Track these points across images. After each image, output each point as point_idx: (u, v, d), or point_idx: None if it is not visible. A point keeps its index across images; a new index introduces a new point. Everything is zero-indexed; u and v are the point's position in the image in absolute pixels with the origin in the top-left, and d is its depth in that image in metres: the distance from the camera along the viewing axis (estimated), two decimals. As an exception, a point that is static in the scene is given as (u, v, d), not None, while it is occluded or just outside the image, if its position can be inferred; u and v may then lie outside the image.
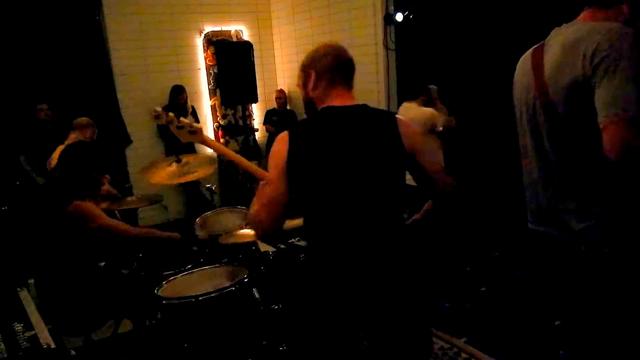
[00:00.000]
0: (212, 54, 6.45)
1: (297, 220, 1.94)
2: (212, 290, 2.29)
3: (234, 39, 6.66)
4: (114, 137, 5.84)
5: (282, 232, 2.70)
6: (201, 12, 6.40)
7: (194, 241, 2.84)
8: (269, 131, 6.46)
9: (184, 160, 2.74)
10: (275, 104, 6.63)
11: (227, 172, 6.26)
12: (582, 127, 1.46)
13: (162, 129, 5.69)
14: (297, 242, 2.91)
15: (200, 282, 2.48)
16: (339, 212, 1.58)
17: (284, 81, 6.98)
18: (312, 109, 1.72)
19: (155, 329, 2.73)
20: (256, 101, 6.77)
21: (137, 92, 6.04)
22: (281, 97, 6.56)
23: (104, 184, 3.43)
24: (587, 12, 1.59)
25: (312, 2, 6.10)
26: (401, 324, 1.61)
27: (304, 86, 1.72)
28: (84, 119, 4.44)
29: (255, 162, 6.36)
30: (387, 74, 5.34)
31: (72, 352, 2.05)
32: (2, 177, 4.87)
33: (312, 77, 1.68)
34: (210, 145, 2.28)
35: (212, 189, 3.38)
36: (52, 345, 1.76)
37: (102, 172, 2.93)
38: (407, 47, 5.17)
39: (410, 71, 3.82)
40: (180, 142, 2.26)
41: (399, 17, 5.03)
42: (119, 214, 3.51)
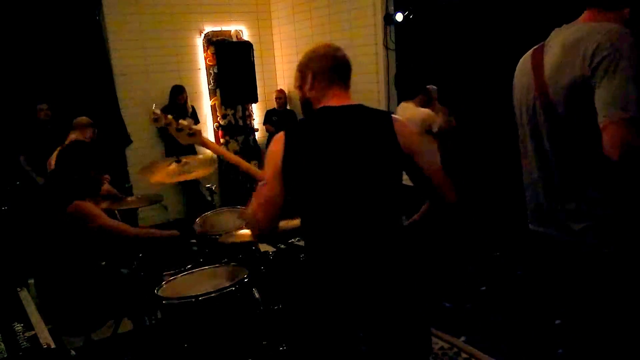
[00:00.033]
0: (212, 54, 6.45)
1: (297, 220, 1.95)
2: (212, 290, 2.29)
3: (234, 39, 6.66)
4: (114, 137, 5.83)
5: (280, 233, 2.73)
6: (201, 12, 6.40)
7: (192, 236, 2.84)
8: (269, 131, 6.46)
9: (183, 160, 2.77)
10: (275, 104, 6.64)
11: (227, 172, 6.26)
12: (582, 128, 1.46)
13: (162, 129, 5.69)
14: (297, 242, 2.91)
15: (200, 282, 2.48)
16: (335, 213, 1.58)
17: (284, 81, 6.98)
18: (310, 109, 1.72)
19: (155, 329, 2.73)
20: (256, 101, 6.77)
21: (137, 92, 6.04)
22: (281, 97, 6.57)
23: (103, 183, 3.43)
24: (588, 13, 1.59)
25: (312, 2, 6.10)
26: (400, 324, 1.61)
27: (301, 87, 1.72)
28: (84, 119, 4.44)
29: (255, 162, 6.39)
30: (387, 74, 5.33)
31: (72, 352, 2.06)
32: (2, 177, 4.87)
33: (309, 77, 1.68)
34: (209, 147, 2.29)
35: (212, 189, 3.38)
36: (52, 345, 1.76)
37: (101, 172, 2.93)
38: (407, 47, 5.17)
39: (408, 71, 3.80)
40: (180, 143, 2.27)
41: (399, 17, 5.03)
42: (119, 214, 3.51)
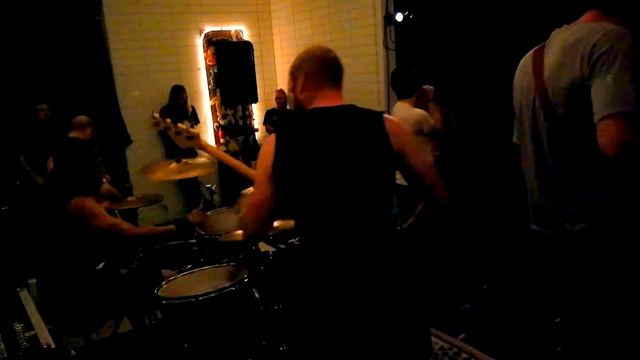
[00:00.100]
0: (212, 54, 6.45)
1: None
2: (212, 290, 2.28)
3: (234, 39, 6.66)
4: (114, 137, 5.84)
5: (280, 233, 2.73)
6: (201, 12, 6.39)
7: (189, 229, 2.84)
8: (269, 131, 6.46)
9: (183, 160, 2.78)
10: (275, 104, 6.64)
11: (227, 172, 6.26)
12: (582, 128, 1.46)
13: (163, 131, 5.69)
14: (297, 242, 2.91)
15: (200, 282, 2.48)
16: (327, 214, 1.57)
17: (284, 81, 6.98)
18: (303, 112, 1.72)
19: (155, 329, 2.73)
20: (256, 101, 6.77)
21: (137, 92, 6.04)
22: (281, 97, 6.57)
23: (103, 182, 3.43)
24: (589, 14, 1.58)
25: (312, 2, 6.10)
26: (398, 323, 1.60)
27: (293, 90, 1.73)
28: (83, 118, 4.44)
29: (255, 163, 6.38)
30: (387, 74, 5.32)
31: (72, 352, 2.06)
32: (2, 177, 4.86)
33: (300, 79, 1.69)
34: (208, 150, 2.29)
35: (212, 189, 3.38)
36: (52, 345, 1.76)
37: (100, 169, 2.93)
38: (407, 47, 5.16)
39: (404, 70, 3.80)
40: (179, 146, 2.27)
41: (399, 17, 5.02)
42: (119, 214, 3.51)
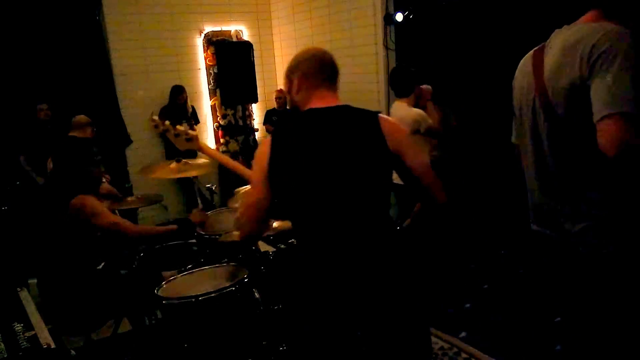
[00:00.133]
0: (212, 54, 6.45)
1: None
2: (212, 290, 2.29)
3: (234, 39, 6.66)
4: (114, 137, 5.83)
5: (279, 233, 2.73)
6: (201, 12, 6.39)
7: (190, 229, 2.84)
8: (269, 131, 6.46)
9: (183, 161, 2.79)
10: (275, 104, 6.64)
11: (227, 172, 6.25)
12: (582, 129, 1.46)
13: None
14: (297, 242, 2.91)
15: (200, 282, 2.48)
16: (322, 214, 1.57)
17: (284, 81, 6.97)
18: (299, 113, 1.73)
19: (155, 329, 2.73)
20: (256, 101, 6.77)
21: (137, 92, 6.04)
22: (281, 97, 6.56)
23: (103, 182, 3.43)
24: (589, 14, 1.57)
25: (312, 2, 6.10)
26: (396, 324, 1.59)
27: (289, 92, 1.74)
28: (82, 118, 4.44)
29: (255, 163, 6.38)
30: (387, 74, 5.32)
31: (72, 352, 2.06)
32: (2, 177, 4.86)
33: (296, 81, 1.70)
34: (207, 152, 2.30)
35: (212, 189, 3.38)
36: (52, 345, 1.76)
37: (99, 168, 2.93)
38: (407, 47, 5.16)
39: (401, 70, 3.79)
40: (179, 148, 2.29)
41: (399, 17, 5.02)
42: (118, 214, 3.51)
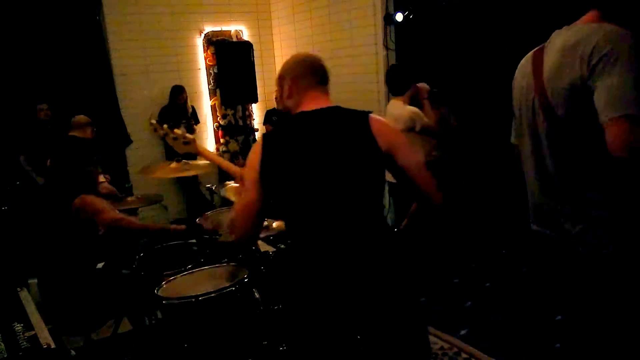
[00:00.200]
0: (212, 54, 6.45)
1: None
2: (212, 290, 2.28)
3: (234, 39, 6.65)
4: (114, 137, 5.83)
5: (279, 233, 2.72)
6: (201, 12, 6.39)
7: (198, 232, 2.83)
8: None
9: (183, 161, 2.79)
10: (275, 104, 6.63)
11: (227, 172, 6.25)
12: (581, 129, 1.46)
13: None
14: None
15: (200, 282, 2.47)
16: (314, 215, 1.57)
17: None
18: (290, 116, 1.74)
19: (155, 329, 2.73)
20: (256, 101, 6.77)
21: (137, 92, 6.04)
22: (281, 97, 6.57)
23: (103, 181, 3.43)
24: (589, 15, 1.57)
25: (312, 2, 6.10)
26: (390, 325, 1.58)
27: (281, 97, 1.76)
28: (82, 118, 4.44)
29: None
30: (387, 74, 5.33)
31: (72, 352, 2.06)
32: (2, 177, 4.87)
33: (286, 86, 1.72)
34: (205, 155, 2.31)
35: (212, 189, 3.38)
36: (52, 345, 1.76)
37: (97, 167, 2.93)
38: (407, 47, 5.16)
39: (397, 68, 3.80)
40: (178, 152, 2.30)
41: (399, 17, 5.02)
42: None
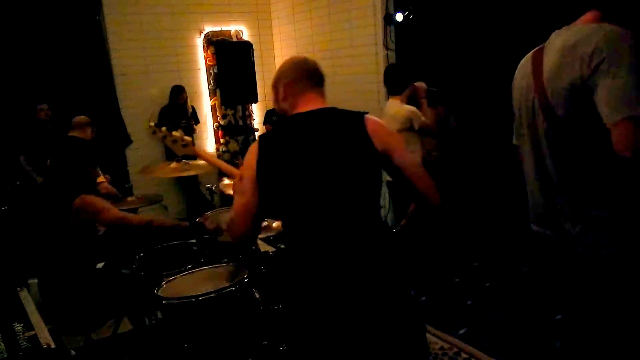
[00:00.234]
0: (212, 54, 6.45)
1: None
2: (212, 290, 2.28)
3: (234, 39, 6.66)
4: (114, 137, 5.84)
5: (279, 233, 2.72)
6: (201, 12, 6.39)
7: (201, 231, 2.83)
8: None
9: (183, 161, 2.79)
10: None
11: (227, 174, 6.25)
12: (581, 129, 1.46)
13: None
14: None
15: (200, 282, 2.47)
16: (310, 216, 1.57)
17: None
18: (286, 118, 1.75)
19: (155, 329, 2.73)
20: (256, 101, 6.76)
21: (137, 92, 6.04)
22: (281, 97, 6.57)
23: (103, 181, 3.43)
24: (589, 15, 1.57)
25: (312, 2, 6.10)
26: (389, 324, 1.57)
27: (277, 100, 1.76)
28: (82, 118, 4.43)
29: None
30: (387, 74, 5.32)
31: (72, 352, 2.06)
32: (2, 177, 4.87)
33: (281, 89, 1.72)
34: (204, 158, 2.32)
35: (212, 189, 3.38)
36: (52, 345, 1.76)
37: (95, 167, 2.93)
38: (407, 47, 5.16)
39: (395, 67, 3.80)
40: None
41: (399, 17, 5.02)
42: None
